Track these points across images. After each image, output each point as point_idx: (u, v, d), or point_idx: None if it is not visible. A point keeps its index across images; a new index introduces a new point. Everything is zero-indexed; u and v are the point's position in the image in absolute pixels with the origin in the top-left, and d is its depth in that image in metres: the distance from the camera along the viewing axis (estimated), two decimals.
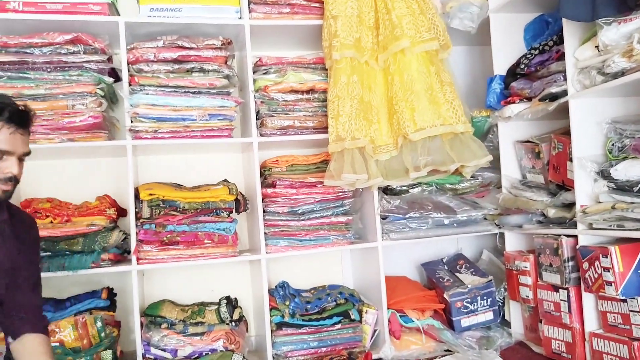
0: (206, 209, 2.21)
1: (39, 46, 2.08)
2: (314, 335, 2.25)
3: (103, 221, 2.13)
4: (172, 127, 2.17)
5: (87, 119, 2.07)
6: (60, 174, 2.38)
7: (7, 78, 2.05)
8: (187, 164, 2.53)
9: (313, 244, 2.30)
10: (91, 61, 2.12)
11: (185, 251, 2.16)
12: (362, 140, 2.15)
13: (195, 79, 2.19)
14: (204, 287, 2.50)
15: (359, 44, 2.22)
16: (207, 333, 2.13)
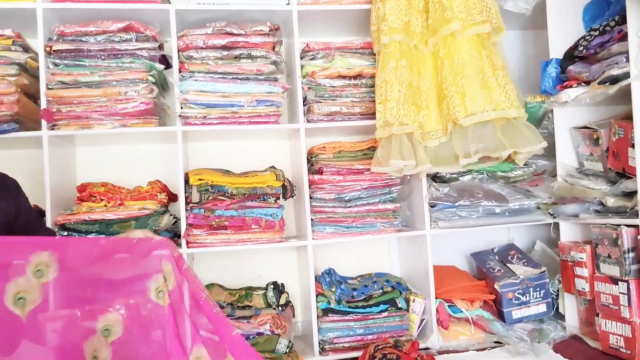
0: (254, 194, 2.22)
1: (93, 34, 2.15)
2: (360, 323, 2.24)
3: (154, 205, 2.18)
4: (221, 113, 2.19)
5: (139, 105, 2.12)
6: (113, 159, 2.46)
7: (64, 65, 2.12)
8: (234, 150, 2.55)
9: (359, 231, 2.29)
10: (143, 48, 2.16)
11: (233, 236, 2.18)
12: (411, 126, 2.11)
13: (244, 65, 2.20)
14: (250, 272, 2.53)
15: (407, 27, 2.17)
16: (254, 317, 2.15)
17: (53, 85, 2.10)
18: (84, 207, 2.17)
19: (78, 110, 2.10)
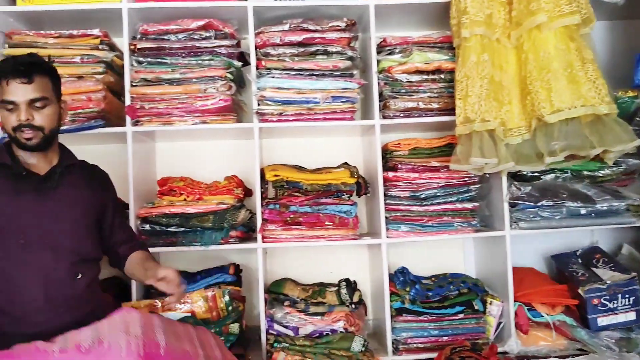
0: (328, 191, 2.22)
1: (174, 32, 2.20)
2: (435, 324, 2.19)
3: (231, 200, 2.22)
4: (297, 109, 2.19)
5: (217, 102, 2.16)
6: (191, 154, 2.52)
7: (147, 64, 2.18)
8: (307, 146, 2.55)
9: (436, 230, 2.23)
10: (222, 46, 2.20)
11: (307, 232, 2.19)
12: (493, 123, 2.03)
13: (320, 61, 2.19)
14: (322, 268, 2.53)
15: (490, 20, 2.09)
16: (327, 313, 2.15)
17: (136, 82, 2.18)
18: (165, 200, 2.23)
19: (160, 107, 2.17)
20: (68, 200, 1.61)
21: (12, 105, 1.49)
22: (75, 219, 1.61)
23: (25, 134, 1.51)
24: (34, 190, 1.56)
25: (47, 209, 1.56)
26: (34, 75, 1.50)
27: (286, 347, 2.03)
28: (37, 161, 1.60)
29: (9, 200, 1.53)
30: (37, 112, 1.52)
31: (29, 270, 1.51)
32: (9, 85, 1.48)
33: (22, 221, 1.53)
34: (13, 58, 1.54)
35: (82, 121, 2.14)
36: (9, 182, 1.54)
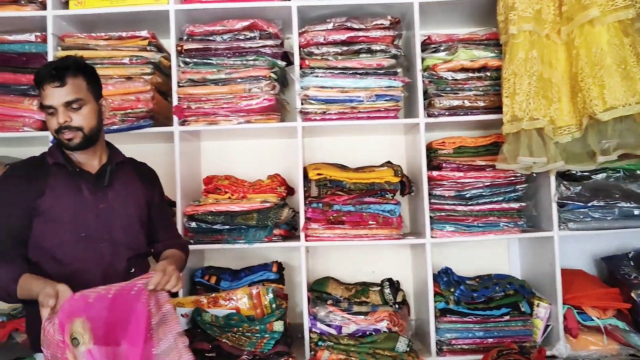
0: (371, 190, 2.21)
1: (220, 33, 2.23)
2: (480, 325, 2.16)
3: (274, 198, 2.24)
4: (340, 108, 2.19)
5: (262, 102, 2.18)
6: (236, 153, 2.55)
7: (193, 64, 2.22)
8: (349, 144, 2.55)
9: (481, 230, 2.20)
10: (266, 46, 2.22)
11: (350, 231, 2.19)
12: (541, 121, 1.98)
13: (363, 59, 2.19)
14: (364, 267, 2.53)
15: (539, 16, 2.04)
16: (370, 313, 2.14)
17: (183, 83, 2.22)
18: (210, 198, 2.27)
19: (206, 107, 2.20)
20: (122, 196, 1.66)
21: (51, 109, 1.55)
22: (129, 214, 1.67)
23: (65, 135, 1.56)
24: (91, 187, 1.62)
25: (104, 205, 1.61)
26: (67, 77, 1.54)
27: (330, 345, 2.04)
28: (86, 159, 1.65)
29: (70, 196, 1.58)
30: (74, 113, 1.56)
31: (89, 263, 1.57)
32: (45, 90, 1.54)
33: (82, 216, 1.58)
34: (50, 63, 1.59)
35: (132, 121, 2.19)
36: (68, 179, 1.60)
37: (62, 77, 1.53)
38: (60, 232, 1.57)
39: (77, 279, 1.53)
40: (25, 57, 2.28)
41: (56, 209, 1.57)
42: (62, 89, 1.53)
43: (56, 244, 1.57)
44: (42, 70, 1.55)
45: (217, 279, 2.29)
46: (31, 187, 1.57)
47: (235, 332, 2.03)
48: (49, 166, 1.61)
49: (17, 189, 1.57)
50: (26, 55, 2.28)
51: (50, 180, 1.59)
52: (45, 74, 1.53)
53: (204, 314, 2.07)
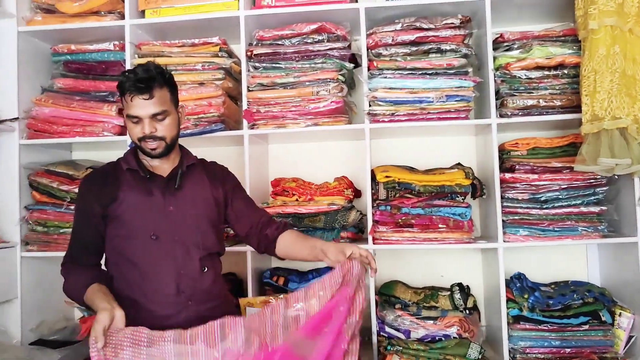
0: (441, 192, 2.17)
1: (288, 37, 2.25)
2: (557, 334, 2.07)
3: (342, 201, 2.24)
4: (409, 109, 2.16)
5: (330, 104, 2.19)
6: (303, 156, 2.58)
7: (262, 69, 2.26)
8: (417, 146, 2.52)
9: (557, 235, 2.11)
10: (334, 48, 2.22)
11: (419, 234, 2.15)
12: (624, 120, 1.88)
13: (433, 59, 2.15)
14: (432, 271, 2.49)
15: (621, 9, 1.93)
16: (440, 318, 2.10)
17: (253, 87, 2.26)
18: (278, 201, 2.30)
19: (275, 111, 2.23)
20: (192, 198, 1.69)
21: (136, 119, 1.58)
22: (199, 215, 1.69)
23: (149, 144, 1.60)
24: (161, 190, 1.66)
25: (174, 208, 1.65)
26: (154, 90, 1.56)
27: (399, 350, 2.02)
28: (160, 164, 1.68)
29: (142, 200, 1.63)
30: (158, 123, 1.59)
31: (162, 264, 1.61)
32: (132, 101, 1.56)
33: (154, 219, 1.63)
34: (134, 73, 1.58)
35: (204, 125, 2.26)
36: (140, 184, 1.65)
37: (150, 89, 1.56)
38: (132, 235, 1.62)
39: (152, 280, 1.60)
40: (105, 65, 2.40)
41: (128, 213, 1.62)
42: (149, 101, 1.56)
43: (130, 247, 1.62)
44: (129, 81, 1.56)
45: (285, 280, 2.31)
46: (105, 193, 1.62)
47: None
48: (123, 172, 1.66)
49: (91, 197, 1.63)
50: (105, 63, 2.40)
51: (123, 185, 1.64)
52: (133, 86, 1.55)
53: None
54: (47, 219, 2.31)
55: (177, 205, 1.66)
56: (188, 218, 1.66)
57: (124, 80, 1.57)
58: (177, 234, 1.64)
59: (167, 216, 1.64)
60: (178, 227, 1.64)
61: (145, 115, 1.57)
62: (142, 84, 1.55)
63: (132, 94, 1.55)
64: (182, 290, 1.60)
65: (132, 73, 1.58)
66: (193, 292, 1.61)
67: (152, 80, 1.57)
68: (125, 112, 1.60)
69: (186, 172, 1.71)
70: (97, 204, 1.62)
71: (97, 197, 1.62)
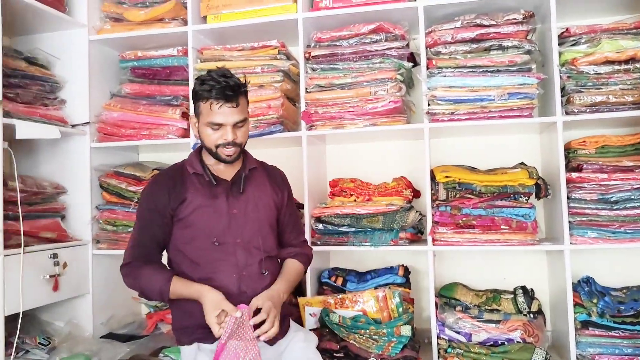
0: (504, 193, 2.12)
1: (346, 38, 2.26)
2: (629, 341, 1.97)
3: (400, 201, 2.22)
4: (469, 108, 2.12)
5: (388, 104, 2.18)
6: (360, 156, 2.58)
7: (320, 70, 2.27)
8: (478, 145, 2.46)
9: (629, 237, 2.01)
10: (392, 48, 2.21)
11: (480, 235, 2.11)
12: None
13: (494, 57, 2.10)
14: (494, 274, 2.43)
15: None
16: (503, 322, 2.05)
17: (311, 88, 2.28)
18: (336, 201, 2.31)
19: (333, 111, 2.24)
20: (254, 202, 1.71)
21: (218, 126, 1.59)
22: (261, 218, 1.72)
23: (227, 151, 1.62)
24: (226, 194, 1.68)
25: (238, 211, 1.68)
26: (239, 98, 1.59)
27: (460, 353, 1.98)
28: (224, 168, 1.70)
29: (207, 203, 1.66)
30: (238, 130, 1.61)
31: (224, 266, 1.64)
32: (219, 109, 1.56)
33: (218, 222, 1.65)
34: (216, 81, 1.56)
35: (263, 127, 2.30)
36: (205, 188, 1.67)
37: (237, 97, 1.57)
38: (196, 237, 1.65)
39: (213, 280, 1.62)
40: (169, 70, 2.49)
41: (194, 215, 1.64)
42: (235, 109, 1.58)
43: (193, 248, 1.66)
44: (216, 89, 1.55)
45: (344, 281, 2.32)
46: (173, 195, 1.65)
47: (362, 334, 2.05)
48: (189, 175, 1.69)
49: (160, 197, 1.66)
50: (169, 68, 2.49)
51: (189, 188, 1.66)
52: (220, 94, 1.55)
53: (332, 315, 2.11)
54: (116, 219, 2.42)
55: (240, 209, 1.68)
56: (250, 221, 1.69)
57: (209, 88, 1.56)
58: (240, 237, 1.67)
59: (231, 219, 1.66)
60: (241, 230, 1.67)
61: (229, 123, 1.58)
62: (230, 92, 1.56)
63: (220, 101, 1.56)
64: (243, 291, 1.63)
65: (213, 81, 1.57)
66: (254, 293, 1.64)
67: (239, 88, 1.59)
68: (206, 119, 1.59)
69: (248, 175, 1.73)
70: (167, 204, 1.65)
71: (167, 198, 1.65)
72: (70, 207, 2.44)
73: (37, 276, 2.11)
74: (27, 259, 2.05)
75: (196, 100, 1.62)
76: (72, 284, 2.30)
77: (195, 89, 1.61)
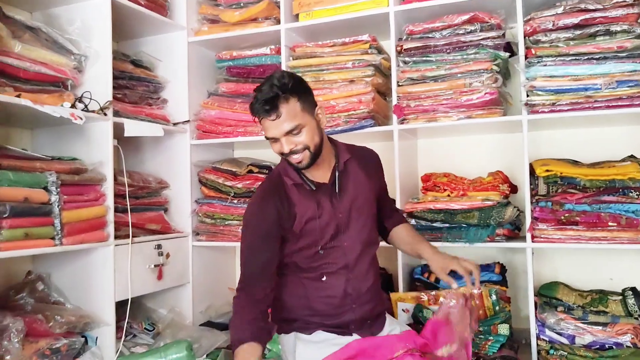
0: (611, 187, 1.99)
1: (439, 29, 2.22)
2: None
3: (497, 197, 2.15)
4: (572, 98, 2.01)
5: (483, 96, 2.11)
6: (454, 150, 2.52)
7: (412, 63, 2.24)
8: (581, 138, 2.33)
9: None
10: (487, 38, 2.14)
11: (585, 233, 1.99)
12: None
13: (600, 43, 1.97)
14: (599, 274, 2.29)
15: None
16: (610, 324, 1.92)
17: (403, 82, 2.25)
18: (429, 196, 2.27)
19: (425, 105, 2.21)
20: (355, 199, 1.67)
21: (272, 139, 1.55)
22: (364, 214, 1.68)
23: (292, 159, 1.56)
24: (328, 199, 1.64)
25: (342, 215, 1.64)
26: (280, 107, 1.48)
27: (564, 355, 1.89)
28: (318, 169, 1.64)
29: (313, 213, 1.61)
30: (295, 137, 1.52)
31: (332, 271, 1.63)
32: (263, 124, 1.53)
33: (326, 231, 1.62)
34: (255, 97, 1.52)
35: (354, 122, 2.31)
36: (308, 196, 1.62)
37: (276, 109, 1.48)
38: (306, 247, 1.63)
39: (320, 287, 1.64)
40: (262, 68, 2.56)
41: (303, 228, 1.60)
42: (278, 121, 1.49)
43: (302, 257, 1.64)
44: (256, 103, 1.51)
45: (437, 277, 2.28)
46: (283, 215, 1.59)
47: None
48: (289, 187, 1.63)
49: (271, 222, 1.59)
50: (263, 66, 2.56)
51: (296, 203, 1.61)
52: (259, 110, 1.50)
53: (425, 311, 2.09)
54: (214, 212, 2.53)
55: (344, 211, 1.65)
56: (354, 221, 1.66)
57: (253, 102, 1.52)
58: (347, 239, 1.65)
59: (338, 224, 1.63)
60: (347, 233, 1.65)
61: (279, 135, 1.52)
62: (267, 106, 1.48)
63: (261, 117, 1.51)
64: (348, 294, 1.64)
65: (259, 91, 1.52)
66: (358, 294, 1.64)
67: (276, 98, 1.48)
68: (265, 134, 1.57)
69: (344, 170, 1.68)
70: (279, 227, 1.60)
71: (277, 221, 1.59)
72: (172, 200, 2.58)
73: (143, 265, 2.25)
74: (134, 249, 2.19)
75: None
76: (174, 273, 2.43)
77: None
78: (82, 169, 2.04)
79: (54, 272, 2.19)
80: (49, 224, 1.87)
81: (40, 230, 1.84)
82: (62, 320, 1.95)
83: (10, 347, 1.75)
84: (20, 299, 2.02)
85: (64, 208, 1.91)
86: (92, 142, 2.13)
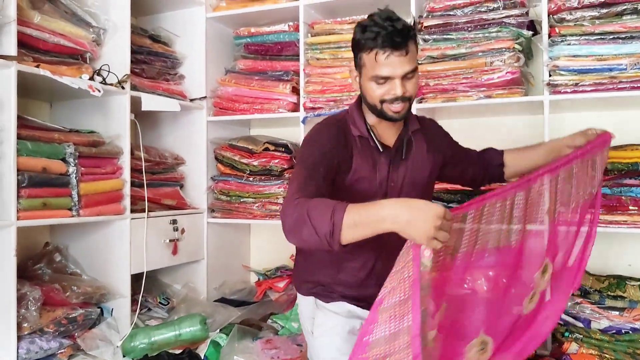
0: (633, 170, 1.95)
1: (461, 7, 2.17)
2: None
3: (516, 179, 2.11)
4: (596, 78, 1.97)
5: (504, 75, 2.07)
6: (474, 133, 2.46)
7: (432, 41, 2.21)
8: (603, 120, 2.26)
9: None
10: (510, 16, 2.10)
11: (604, 216, 1.96)
12: None
13: (627, 22, 1.92)
14: (617, 259, 2.25)
15: None
16: (628, 309, 1.90)
17: (422, 60, 2.22)
18: None
19: (444, 83, 2.18)
20: (412, 171, 1.55)
21: (384, 80, 1.38)
22: (423, 184, 1.57)
23: (395, 106, 1.41)
24: (387, 164, 1.51)
25: (393, 184, 1.52)
26: (409, 44, 1.35)
27: (579, 338, 1.87)
28: (387, 129, 1.52)
29: (369, 175, 1.48)
30: (408, 82, 1.40)
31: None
32: (386, 59, 1.34)
33: (372, 196, 1.46)
34: (382, 26, 1.34)
35: None
36: (369, 155, 1.49)
37: (406, 44, 1.34)
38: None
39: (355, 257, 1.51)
40: (280, 45, 2.54)
41: (353, 186, 1.46)
42: (405, 58, 1.35)
43: None
44: (382, 36, 1.33)
45: None
46: (342, 156, 1.44)
47: None
48: (353, 137, 1.49)
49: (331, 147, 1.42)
50: (280, 44, 2.54)
51: (355, 155, 1.47)
52: (388, 41, 1.33)
53: None
54: (230, 189, 2.53)
55: (397, 180, 1.52)
56: (404, 195, 1.51)
57: (373, 35, 1.34)
58: None
59: (386, 193, 1.50)
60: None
61: (398, 75, 1.37)
62: (399, 39, 1.33)
63: (387, 50, 1.33)
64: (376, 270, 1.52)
65: (377, 26, 1.34)
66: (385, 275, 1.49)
67: (408, 32, 1.35)
68: (370, 72, 1.39)
69: (410, 140, 1.55)
70: (337, 154, 1.42)
71: (337, 153, 1.42)
72: (188, 176, 2.59)
73: (158, 240, 2.27)
74: (150, 223, 2.21)
75: (358, 50, 1.41)
76: (189, 249, 2.45)
77: (356, 38, 1.40)
78: (100, 142, 2.05)
79: (71, 244, 2.21)
80: (67, 195, 1.89)
81: (58, 200, 1.86)
82: (79, 291, 1.98)
83: (27, 314, 1.78)
84: (38, 269, 2.05)
85: (81, 180, 1.92)
86: (110, 116, 2.14)
